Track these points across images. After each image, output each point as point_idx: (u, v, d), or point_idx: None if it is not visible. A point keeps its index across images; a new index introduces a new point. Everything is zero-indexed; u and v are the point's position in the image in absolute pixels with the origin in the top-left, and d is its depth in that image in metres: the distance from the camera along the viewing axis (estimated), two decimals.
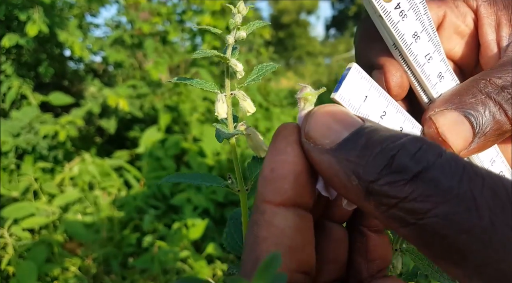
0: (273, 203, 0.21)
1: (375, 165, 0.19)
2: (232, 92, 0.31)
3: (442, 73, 0.29)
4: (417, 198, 0.17)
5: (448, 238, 0.16)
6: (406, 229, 0.18)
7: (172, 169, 1.82)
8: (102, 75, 3.00)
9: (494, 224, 0.15)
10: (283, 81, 6.26)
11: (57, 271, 1.36)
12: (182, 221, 1.51)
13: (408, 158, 0.18)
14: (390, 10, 0.26)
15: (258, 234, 0.21)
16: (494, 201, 0.16)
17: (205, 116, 2.11)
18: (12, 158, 1.87)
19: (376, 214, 0.19)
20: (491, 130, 0.27)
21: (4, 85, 2.16)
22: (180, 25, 2.63)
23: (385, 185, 0.18)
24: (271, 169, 0.22)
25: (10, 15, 2.15)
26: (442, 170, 0.17)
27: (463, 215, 0.16)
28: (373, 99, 0.25)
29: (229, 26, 0.30)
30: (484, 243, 0.15)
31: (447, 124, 0.26)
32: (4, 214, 1.43)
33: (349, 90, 0.24)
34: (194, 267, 1.29)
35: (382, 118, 0.26)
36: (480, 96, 0.27)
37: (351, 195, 0.20)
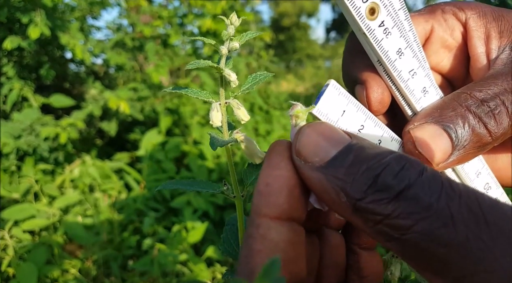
0: (267, 217, 0.22)
1: (361, 184, 0.20)
2: (227, 100, 0.32)
3: (427, 88, 0.30)
4: (399, 215, 0.18)
5: (428, 252, 0.17)
6: (391, 243, 0.19)
7: (172, 172, 1.82)
8: (103, 78, 3.01)
9: (468, 238, 0.17)
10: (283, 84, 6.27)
11: (57, 273, 1.36)
12: (182, 224, 1.51)
13: (391, 177, 0.19)
14: (374, 28, 0.27)
15: (253, 247, 0.22)
16: (469, 216, 0.17)
17: (205, 119, 2.12)
18: (13, 159, 1.87)
19: (364, 228, 0.20)
20: (471, 143, 0.27)
21: (6, 87, 2.17)
22: (181, 28, 2.64)
23: (371, 203, 0.19)
24: (266, 183, 0.22)
25: (12, 18, 2.16)
26: (422, 188, 0.19)
27: (441, 231, 0.17)
28: (351, 114, 0.26)
29: (222, 37, 0.31)
30: (461, 256, 0.17)
31: (425, 137, 0.27)
32: (5, 216, 1.43)
33: (327, 106, 0.25)
34: (193, 270, 1.29)
35: (360, 131, 0.27)
36: (459, 110, 0.27)
37: (341, 210, 0.21)
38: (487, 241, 0.16)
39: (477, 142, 0.27)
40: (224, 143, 0.29)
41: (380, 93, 0.29)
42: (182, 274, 1.33)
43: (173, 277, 1.33)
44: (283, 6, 14.15)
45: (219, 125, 0.31)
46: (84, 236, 1.41)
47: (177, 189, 1.29)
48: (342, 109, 0.26)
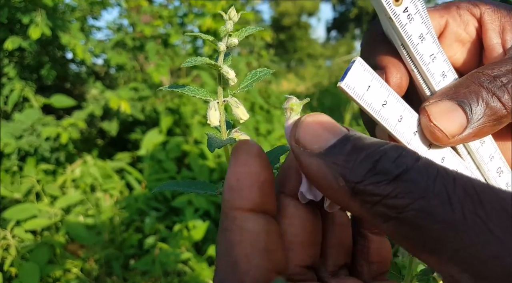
0: (242, 210, 0.22)
1: (361, 168, 0.21)
2: (225, 99, 0.31)
3: (445, 72, 0.31)
4: (397, 195, 0.19)
5: (424, 229, 0.18)
6: (388, 224, 0.20)
7: (173, 171, 1.83)
8: (103, 78, 3.02)
9: (464, 214, 0.18)
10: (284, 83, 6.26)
11: (59, 272, 1.36)
12: (183, 223, 1.52)
13: (389, 162, 0.20)
14: (399, 13, 0.29)
15: (231, 239, 0.22)
16: (464, 195, 0.18)
17: (206, 119, 2.12)
18: (14, 160, 1.88)
19: (360, 211, 0.21)
20: (486, 116, 0.28)
21: (7, 88, 2.17)
22: (182, 28, 2.64)
23: (370, 185, 0.20)
24: (237, 178, 0.23)
25: (13, 18, 2.16)
26: (419, 172, 0.20)
27: (438, 208, 0.18)
28: (375, 89, 0.27)
29: (220, 33, 0.31)
30: (457, 231, 0.17)
31: (439, 112, 0.28)
32: (7, 216, 1.43)
33: (354, 80, 0.26)
34: (195, 269, 1.29)
35: (384, 106, 0.28)
36: (473, 86, 0.29)
37: (338, 195, 0.22)
38: (482, 216, 0.17)
39: (492, 115, 0.28)
40: (223, 143, 0.29)
41: (399, 78, 0.31)
42: (184, 273, 1.33)
43: (175, 276, 1.33)
44: (283, 6, 14.14)
45: (217, 124, 0.31)
46: (85, 236, 1.41)
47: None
48: (367, 84, 0.27)
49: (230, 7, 1.31)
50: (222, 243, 0.23)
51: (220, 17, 2.46)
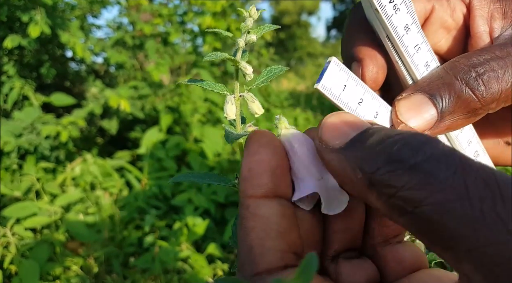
0: (255, 197, 0.23)
1: (377, 157, 0.20)
2: (241, 94, 0.32)
3: (429, 62, 0.31)
4: (414, 187, 0.18)
5: (441, 225, 0.17)
6: (405, 218, 0.19)
7: (173, 170, 1.83)
8: (103, 76, 3.02)
9: (483, 211, 0.16)
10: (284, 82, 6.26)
11: (59, 270, 1.37)
12: (183, 221, 1.52)
13: (407, 149, 0.19)
14: (385, 3, 0.28)
15: (247, 226, 0.23)
16: (485, 191, 0.17)
17: (206, 118, 2.12)
18: (14, 158, 1.88)
19: (378, 204, 0.20)
20: (459, 109, 0.28)
21: (6, 86, 2.17)
22: (181, 26, 2.64)
23: (385, 174, 0.19)
24: (249, 169, 0.24)
25: (12, 16, 2.16)
26: (438, 162, 0.18)
27: (456, 204, 0.17)
28: (351, 88, 0.28)
29: (241, 29, 0.31)
30: (474, 229, 0.16)
31: (408, 107, 0.28)
32: (6, 214, 1.44)
33: (330, 81, 0.27)
34: (194, 267, 1.30)
35: (360, 104, 0.28)
36: (447, 77, 0.28)
37: (356, 188, 0.21)
38: (502, 214, 0.16)
39: (465, 108, 0.28)
40: (239, 135, 0.29)
41: (375, 72, 0.30)
42: (184, 271, 1.33)
43: (175, 274, 1.33)
44: (283, 4, 14.13)
45: (233, 118, 0.31)
46: (85, 234, 1.41)
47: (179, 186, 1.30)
48: (343, 84, 0.27)
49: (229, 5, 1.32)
50: (240, 231, 0.23)
51: (219, 15, 2.46)
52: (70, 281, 1.33)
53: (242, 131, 0.32)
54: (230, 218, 1.65)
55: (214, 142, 1.90)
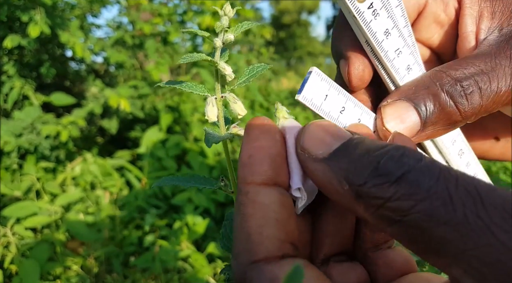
0: (254, 184, 0.23)
1: (363, 170, 0.20)
2: (223, 94, 0.31)
3: (411, 66, 0.31)
4: (400, 197, 0.19)
5: (429, 231, 0.18)
6: (393, 227, 0.19)
7: (173, 169, 1.83)
8: (103, 76, 3.02)
9: (466, 215, 0.17)
10: (284, 81, 6.26)
11: (59, 270, 1.37)
12: (183, 221, 1.52)
13: (392, 163, 0.20)
14: (363, 10, 0.28)
15: (245, 212, 0.23)
16: (466, 196, 0.18)
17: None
18: (14, 158, 1.88)
19: (365, 215, 0.21)
20: (441, 121, 0.28)
21: (6, 86, 2.17)
22: (181, 25, 2.64)
23: (372, 187, 0.20)
24: (249, 155, 0.24)
25: (12, 16, 2.16)
26: (421, 172, 0.19)
27: (441, 210, 0.18)
28: (333, 97, 0.28)
29: (216, 29, 0.31)
30: (460, 233, 0.17)
31: (393, 115, 0.28)
32: (6, 213, 1.44)
33: (311, 92, 0.27)
34: (195, 266, 1.30)
35: (342, 113, 0.28)
36: (433, 88, 0.28)
37: (343, 199, 0.21)
38: (484, 218, 0.17)
39: (447, 120, 0.28)
40: (220, 138, 0.29)
41: (361, 70, 0.30)
42: (184, 270, 1.33)
43: (175, 273, 1.33)
44: (283, 4, 14.11)
45: (215, 120, 0.31)
46: (86, 233, 1.41)
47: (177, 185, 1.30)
48: (325, 94, 0.27)
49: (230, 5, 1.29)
50: (237, 218, 0.23)
51: (219, 15, 2.46)
52: (71, 280, 1.33)
53: (226, 133, 0.31)
54: None
55: None
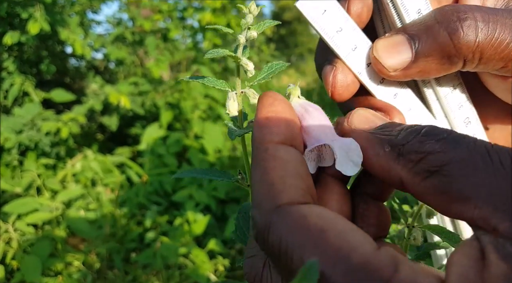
0: (273, 142, 0.24)
1: (407, 134, 0.23)
2: (243, 90, 0.32)
3: (421, 10, 0.30)
4: (441, 151, 0.21)
5: (464, 178, 0.20)
6: (428, 180, 0.21)
7: (173, 166, 1.83)
8: (103, 72, 3.01)
9: (502, 162, 0.20)
10: (285, 78, 6.25)
11: (60, 266, 1.37)
12: (184, 217, 1.52)
13: (435, 130, 0.23)
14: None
15: (266, 165, 0.24)
16: (500, 149, 0.20)
17: (206, 114, 2.12)
18: (15, 154, 1.88)
19: (401, 172, 0.23)
20: (434, 52, 0.28)
21: (7, 82, 2.17)
22: (181, 22, 2.63)
23: (415, 144, 0.22)
24: (266, 117, 0.25)
25: (12, 13, 2.16)
26: (460, 137, 0.22)
27: (478, 158, 0.20)
28: (332, 14, 0.28)
29: (242, 26, 0.31)
30: (494, 176, 0.19)
31: (385, 45, 0.29)
32: (8, 210, 1.44)
33: (309, 3, 0.27)
34: (196, 262, 1.30)
35: (338, 33, 0.28)
36: (429, 20, 0.28)
37: (382, 160, 0.24)
38: None
39: (440, 51, 0.28)
40: (242, 132, 0.30)
41: (360, 8, 0.30)
42: (185, 266, 1.34)
43: (176, 269, 1.34)
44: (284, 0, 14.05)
45: (235, 114, 0.31)
46: (87, 230, 1.42)
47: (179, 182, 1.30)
48: (324, 8, 0.27)
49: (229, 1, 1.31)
50: (257, 173, 0.24)
51: (219, 11, 2.45)
52: (72, 276, 1.34)
53: (245, 127, 0.32)
54: (231, 214, 1.65)
55: (215, 138, 1.90)
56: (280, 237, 0.21)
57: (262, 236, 0.22)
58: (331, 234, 0.20)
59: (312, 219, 0.21)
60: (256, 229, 0.23)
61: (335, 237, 0.20)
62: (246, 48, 0.32)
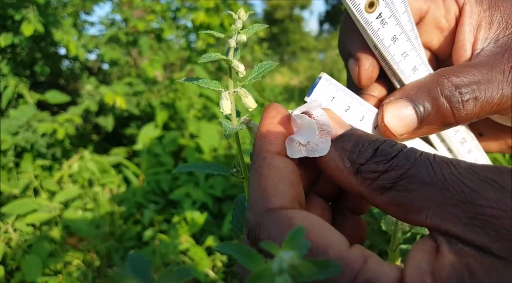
0: (271, 151, 0.27)
1: (366, 153, 0.26)
2: (235, 90, 0.34)
3: (417, 66, 0.34)
4: (394, 168, 0.24)
5: (414, 192, 0.23)
6: (384, 194, 0.24)
7: (170, 165, 1.85)
8: (97, 73, 3.01)
9: (444, 175, 0.23)
10: (278, 77, 6.26)
11: (60, 265, 1.39)
12: (181, 215, 1.55)
13: (388, 147, 0.25)
14: (371, 20, 0.30)
15: (262, 173, 0.27)
16: (442, 163, 0.24)
17: (201, 113, 2.14)
18: (10, 156, 1.88)
19: (360, 187, 0.26)
20: (436, 121, 0.32)
21: (1, 84, 2.17)
22: (175, 22, 2.64)
23: (372, 164, 0.25)
24: (267, 129, 0.28)
25: (4, 14, 2.15)
26: (409, 151, 0.25)
27: (424, 173, 0.23)
28: (339, 98, 0.31)
29: (231, 31, 0.33)
30: (439, 188, 0.22)
31: (394, 112, 0.32)
32: (6, 210, 1.45)
33: (319, 95, 0.30)
34: (194, 259, 1.33)
35: (346, 111, 0.32)
36: (433, 91, 0.31)
37: (342, 174, 0.27)
38: (456, 174, 0.22)
39: (442, 121, 0.32)
40: (235, 129, 0.32)
41: (370, 71, 0.34)
42: (183, 263, 1.36)
43: (175, 266, 1.36)
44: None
45: (229, 113, 0.34)
46: (86, 229, 1.43)
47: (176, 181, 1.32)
48: (332, 96, 0.31)
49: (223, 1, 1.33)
50: (253, 178, 0.27)
51: (212, 11, 2.47)
52: (72, 275, 1.35)
53: (238, 124, 0.34)
54: (227, 212, 1.68)
55: (210, 137, 1.92)
56: (269, 235, 0.24)
57: (254, 234, 0.25)
58: (312, 233, 0.23)
59: (297, 221, 0.24)
60: (249, 228, 0.26)
61: (315, 235, 0.23)
62: (237, 51, 0.35)
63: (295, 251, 0.18)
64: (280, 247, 0.20)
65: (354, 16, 0.30)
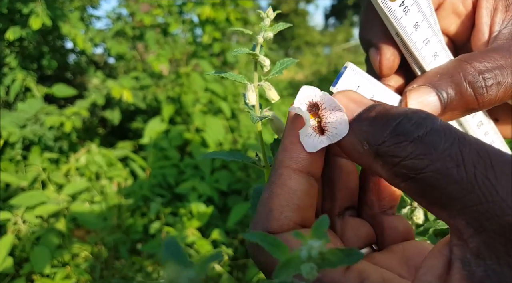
0: (290, 168, 0.26)
1: (382, 131, 0.23)
2: (259, 83, 0.35)
3: (438, 52, 0.34)
4: (416, 156, 0.21)
5: (439, 188, 0.21)
6: (406, 183, 0.22)
7: (176, 159, 1.86)
8: (103, 67, 3.03)
9: (476, 176, 0.20)
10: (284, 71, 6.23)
11: (67, 257, 1.41)
12: (187, 208, 1.56)
13: (410, 124, 0.22)
14: (394, 8, 0.30)
15: (273, 191, 0.26)
16: (478, 159, 0.20)
17: (207, 108, 2.15)
18: (18, 149, 1.91)
19: (382, 172, 0.23)
20: (460, 107, 0.31)
21: (9, 78, 2.19)
22: (181, 16, 2.64)
23: (390, 145, 0.22)
24: (291, 141, 0.27)
25: (13, 8, 2.17)
26: (438, 135, 0.21)
27: (453, 170, 0.20)
28: (364, 86, 0.32)
29: (261, 28, 0.35)
30: (468, 191, 0.20)
31: (417, 98, 0.31)
32: (15, 202, 1.47)
33: (344, 85, 0.31)
34: (200, 252, 1.34)
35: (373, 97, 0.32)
36: (457, 77, 0.31)
37: (362, 158, 0.24)
38: (492, 179, 0.19)
39: (465, 107, 0.31)
40: (260, 118, 0.34)
41: (391, 60, 0.34)
42: (189, 255, 1.38)
43: None
44: None
45: (254, 104, 0.35)
46: (93, 222, 1.46)
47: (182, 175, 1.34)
48: (357, 84, 0.31)
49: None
50: (265, 192, 0.27)
51: (218, 5, 2.46)
52: (80, 266, 1.38)
53: (262, 114, 0.36)
54: (233, 206, 1.69)
55: (216, 131, 1.93)
56: (266, 257, 0.25)
57: (252, 253, 0.26)
58: None
59: (294, 244, 0.24)
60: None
61: None
62: (262, 47, 0.35)
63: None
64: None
65: (377, 5, 0.30)
